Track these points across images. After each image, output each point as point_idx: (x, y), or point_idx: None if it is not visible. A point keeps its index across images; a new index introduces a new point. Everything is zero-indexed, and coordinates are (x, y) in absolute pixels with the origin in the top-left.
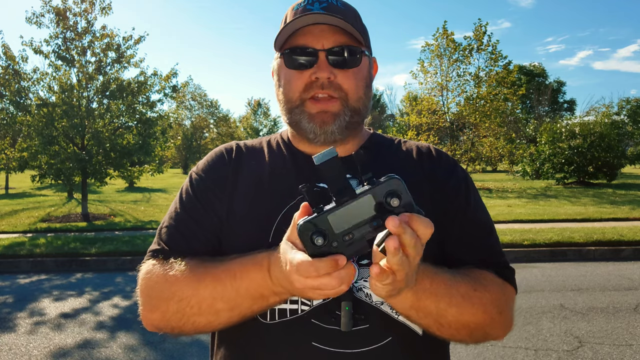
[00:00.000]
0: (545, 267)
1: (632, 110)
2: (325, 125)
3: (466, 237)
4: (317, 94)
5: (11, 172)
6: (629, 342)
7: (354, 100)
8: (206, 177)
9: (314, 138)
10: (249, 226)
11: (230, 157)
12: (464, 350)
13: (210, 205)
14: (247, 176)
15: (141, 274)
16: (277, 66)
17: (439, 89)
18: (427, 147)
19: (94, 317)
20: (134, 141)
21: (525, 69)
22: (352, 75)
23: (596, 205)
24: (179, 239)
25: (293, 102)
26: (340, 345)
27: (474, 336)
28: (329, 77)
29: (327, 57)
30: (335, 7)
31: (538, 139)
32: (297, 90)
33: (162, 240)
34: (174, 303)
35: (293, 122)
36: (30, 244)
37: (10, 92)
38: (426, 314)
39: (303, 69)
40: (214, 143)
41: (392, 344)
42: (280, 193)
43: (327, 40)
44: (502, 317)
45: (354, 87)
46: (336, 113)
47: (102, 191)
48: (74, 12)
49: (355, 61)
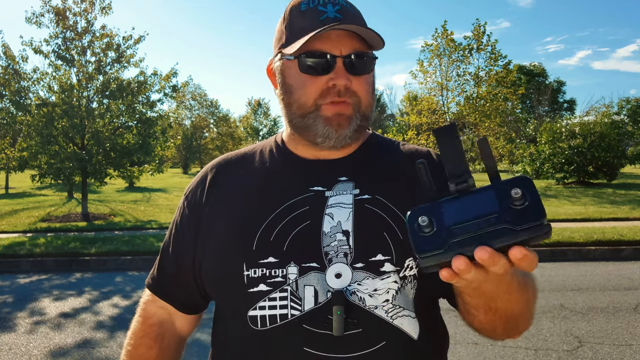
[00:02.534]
0: (545, 267)
1: (632, 110)
2: (341, 129)
3: None
4: (334, 102)
5: (11, 171)
6: (629, 342)
7: (365, 106)
8: (188, 205)
9: (323, 142)
10: (231, 233)
11: (214, 176)
12: (464, 350)
13: (192, 236)
14: (233, 186)
15: (140, 302)
16: (285, 67)
17: (439, 88)
18: (427, 151)
19: (94, 316)
20: (134, 141)
21: (525, 68)
22: (364, 81)
23: (596, 205)
24: (163, 278)
25: (307, 107)
26: (333, 350)
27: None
28: (345, 84)
29: (344, 64)
30: (347, 9)
31: (538, 139)
32: (312, 96)
33: (156, 270)
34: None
35: (304, 125)
36: (30, 244)
37: (10, 91)
38: (482, 310)
39: (319, 74)
40: (213, 143)
41: (385, 348)
42: (267, 199)
43: (345, 46)
44: (531, 310)
45: (365, 93)
46: (350, 116)
47: (102, 191)
48: (74, 12)
49: (369, 67)
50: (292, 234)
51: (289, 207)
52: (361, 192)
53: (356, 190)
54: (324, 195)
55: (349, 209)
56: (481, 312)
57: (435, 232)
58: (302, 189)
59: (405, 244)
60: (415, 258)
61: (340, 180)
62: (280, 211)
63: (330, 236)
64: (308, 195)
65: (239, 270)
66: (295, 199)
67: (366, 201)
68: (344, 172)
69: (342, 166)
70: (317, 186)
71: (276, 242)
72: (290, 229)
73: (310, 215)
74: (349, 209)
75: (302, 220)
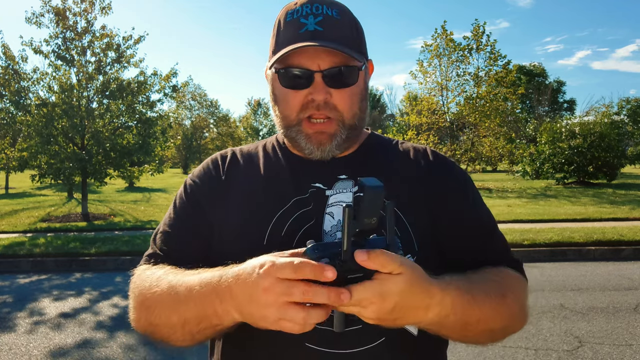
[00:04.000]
0: (545, 267)
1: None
2: (322, 146)
3: (471, 237)
4: (313, 115)
5: (11, 172)
6: (629, 342)
7: (349, 119)
8: (200, 183)
9: (310, 153)
10: (242, 231)
11: (225, 164)
12: (464, 350)
13: (202, 212)
14: (242, 182)
15: (133, 277)
16: (273, 78)
17: (439, 88)
18: (423, 149)
19: (94, 316)
20: (134, 141)
21: (525, 68)
22: (347, 94)
23: (596, 205)
24: (171, 243)
25: (290, 120)
26: (333, 346)
27: (494, 338)
28: (324, 99)
29: (323, 78)
30: (330, 19)
31: (538, 139)
32: (294, 110)
33: (155, 245)
34: (144, 309)
35: (289, 137)
36: (30, 244)
37: (10, 92)
38: (452, 329)
39: (299, 88)
40: (213, 143)
41: (385, 344)
42: (273, 197)
43: (323, 60)
44: (522, 312)
45: (348, 106)
46: (332, 134)
47: (102, 191)
48: (74, 12)
49: (352, 80)
50: (301, 231)
51: (295, 204)
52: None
53: (355, 189)
54: (325, 194)
55: None
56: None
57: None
58: (305, 187)
59: (405, 242)
60: (413, 255)
61: (340, 178)
62: (287, 209)
63: (330, 235)
64: (310, 193)
65: None
66: (299, 197)
67: None
68: (343, 170)
69: (341, 165)
70: (318, 184)
71: (286, 239)
72: (297, 227)
73: (314, 214)
74: None
75: (308, 219)
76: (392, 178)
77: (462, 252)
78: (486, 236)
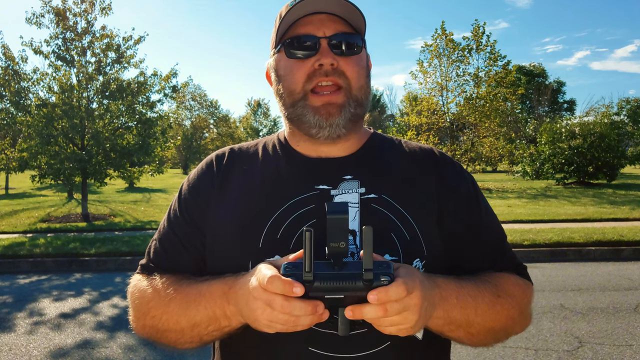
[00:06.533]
0: (545, 267)
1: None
2: (332, 117)
3: (482, 244)
4: (321, 82)
5: (11, 172)
6: (629, 342)
7: (357, 89)
8: (194, 191)
9: (318, 132)
10: (237, 233)
11: (221, 165)
12: (464, 350)
13: (195, 226)
14: (239, 182)
15: (129, 286)
16: (276, 61)
17: (439, 89)
18: (430, 149)
19: (94, 317)
20: (134, 141)
21: (525, 69)
22: (354, 62)
23: (596, 205)
24: (163, 256)
25: (296, 94)
26: (338, 350)
27: (498, 338)
28: (332, 64)
29: (329, 44)
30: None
31: (538, 139)
32: (300, 80)
33: (149, 255)
34: (149, 318)
35: (295, 116)
36: (30, 244)
37: (10, 92)
38: (457, 326)
39: (305, 57)
40: (213, 143)
41: (390, 348)
42: (272, 197)
43: (328, 28)
44: (522, 316)
45: (356, 74)
46: (341, 104)
47: (102, 191)
48: (74, 13)
49: (357, 49)
50: (299, 232)
51: (294, 204)
52: (367, 191)
53: (362, 189)
54: (330, 193)
55: (355, 208)
56: (462, 332)
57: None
58: (307, 187)
59: (411, 244)
60: (422, 259)
61: (345, 178)
62: (285, 209)
63: None
64: (313, 194)
65: (244, 268)
66: (300, 197)
67: (372, 200)
68: (348, 170)
69: (346, 164)
70: (323, 184)
71: (282, 240)
72: (296, 227)
73: (316, 214)
74: (355, 208)
75: (308, 219)
76: (399, 178)
77: (476, 261)
78: (498, 246)
